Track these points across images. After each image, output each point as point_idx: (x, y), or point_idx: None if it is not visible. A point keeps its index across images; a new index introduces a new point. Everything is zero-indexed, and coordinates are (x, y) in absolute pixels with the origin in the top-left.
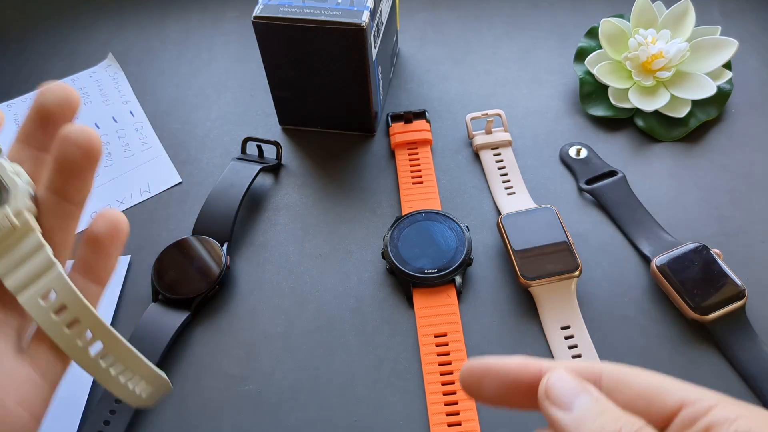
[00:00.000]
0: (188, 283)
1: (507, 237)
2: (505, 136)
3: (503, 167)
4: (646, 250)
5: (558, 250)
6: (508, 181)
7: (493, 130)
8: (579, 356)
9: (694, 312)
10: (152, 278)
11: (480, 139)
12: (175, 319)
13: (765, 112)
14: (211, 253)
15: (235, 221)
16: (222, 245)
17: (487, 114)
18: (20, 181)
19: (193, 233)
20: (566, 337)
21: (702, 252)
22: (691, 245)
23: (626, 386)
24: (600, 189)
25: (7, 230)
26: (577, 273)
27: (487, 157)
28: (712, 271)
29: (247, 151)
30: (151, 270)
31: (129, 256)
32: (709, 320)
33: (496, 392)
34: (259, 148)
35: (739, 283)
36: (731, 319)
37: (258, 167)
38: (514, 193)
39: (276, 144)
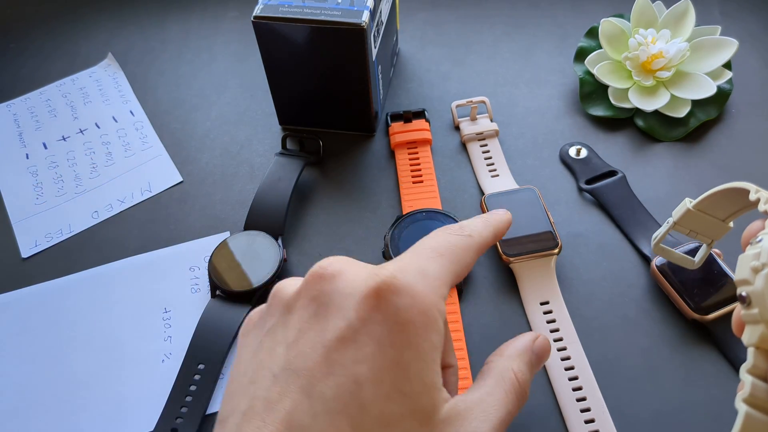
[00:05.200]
0: (248, 277)
1: None
2: (492, 126)
3: (489, 156)
4: (646, 250)
5: (539, 229)
6: (492, 164)
7: (477, 116)
8: (557, 330)
9: (695, 312)
10: (210, 275)
11: (467, 129)
12: (238, 313)
13: (765, 112)
14: (266, 247)
15: (287, 215)
16: (276, 239)
17: (471, 101)
18: None
19: (245, 228)
20: (545, 312)
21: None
22: (691, 245)
23: None
24: (600, 189)
25: None
26: (556, 251)
27: (474, 148)
28: (712, 271)
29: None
30: (208, 267)
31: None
32: (709, 320)
33: None
34: (301, 141)
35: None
36: (731, 319)
37: (303, 162)
38: (497, 175)
39: (317, 138)
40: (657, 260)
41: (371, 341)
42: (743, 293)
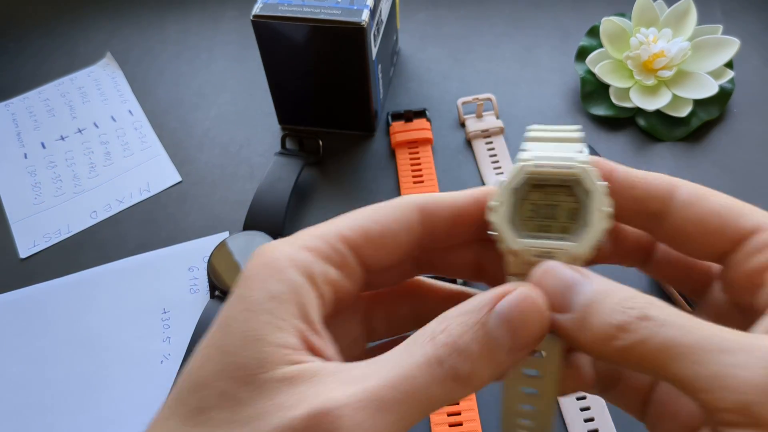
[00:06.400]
0: None
1: None
2: (497, 123)
3: (494, 153)
4: None
5: None
6: (497, 161)
7: (483, 114)
8: None
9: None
10: (209, 275)
11: (472, 126)
12: None
13: (766, 111)
14: None
15: (287, 215)
16: (275, 239)
17: (477, 98)
18: (603, 224)
19: (244, 228)
20: None
21: None
22: None
23: (702, 202)
24: None
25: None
26: None
27: (479, 145)
28: None
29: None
30: (207, 267)
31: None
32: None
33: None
34: (301, 141)
35: None
36: None
37: (302, 162)
38: (502, 173)
39: (316, 138)
40: None
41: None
42: None
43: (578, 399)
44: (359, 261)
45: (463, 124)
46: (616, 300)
